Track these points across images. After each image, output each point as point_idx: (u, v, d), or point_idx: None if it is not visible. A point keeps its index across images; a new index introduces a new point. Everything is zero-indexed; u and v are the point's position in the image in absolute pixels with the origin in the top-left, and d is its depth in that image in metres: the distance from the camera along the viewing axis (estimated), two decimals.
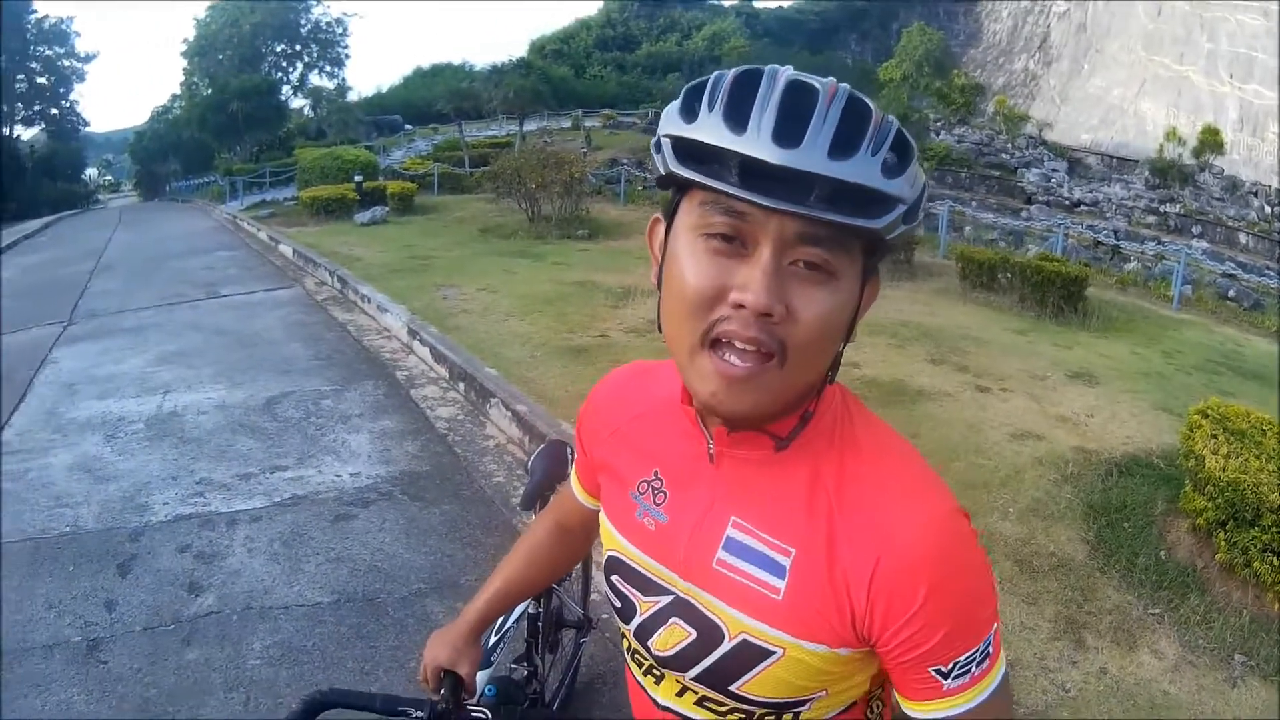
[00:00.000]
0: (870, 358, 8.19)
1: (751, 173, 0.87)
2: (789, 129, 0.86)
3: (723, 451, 1.09)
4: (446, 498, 5.43)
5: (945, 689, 1.01)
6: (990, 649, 1.02)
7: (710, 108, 0.90)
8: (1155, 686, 3.61)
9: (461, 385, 7.52)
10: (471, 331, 8.92)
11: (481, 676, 1.91)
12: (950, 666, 0.99)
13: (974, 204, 31.92)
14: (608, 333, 8.83)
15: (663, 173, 0.96)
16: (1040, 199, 36.05)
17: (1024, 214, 32.50)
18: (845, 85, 0.92)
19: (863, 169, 0.87)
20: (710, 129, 0.89)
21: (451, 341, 8.43)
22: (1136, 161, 40.25)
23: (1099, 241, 24.01)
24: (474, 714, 1.50)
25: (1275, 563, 3.99)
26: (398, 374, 8.21)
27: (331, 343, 9.57)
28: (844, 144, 0.87)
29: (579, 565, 3.12)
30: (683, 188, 0.98)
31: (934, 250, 17.02)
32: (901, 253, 14.08)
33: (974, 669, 1.00)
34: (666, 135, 0.95)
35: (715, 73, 0.94)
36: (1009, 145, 40.72)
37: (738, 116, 0.88)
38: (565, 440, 2.72)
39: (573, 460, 1.53)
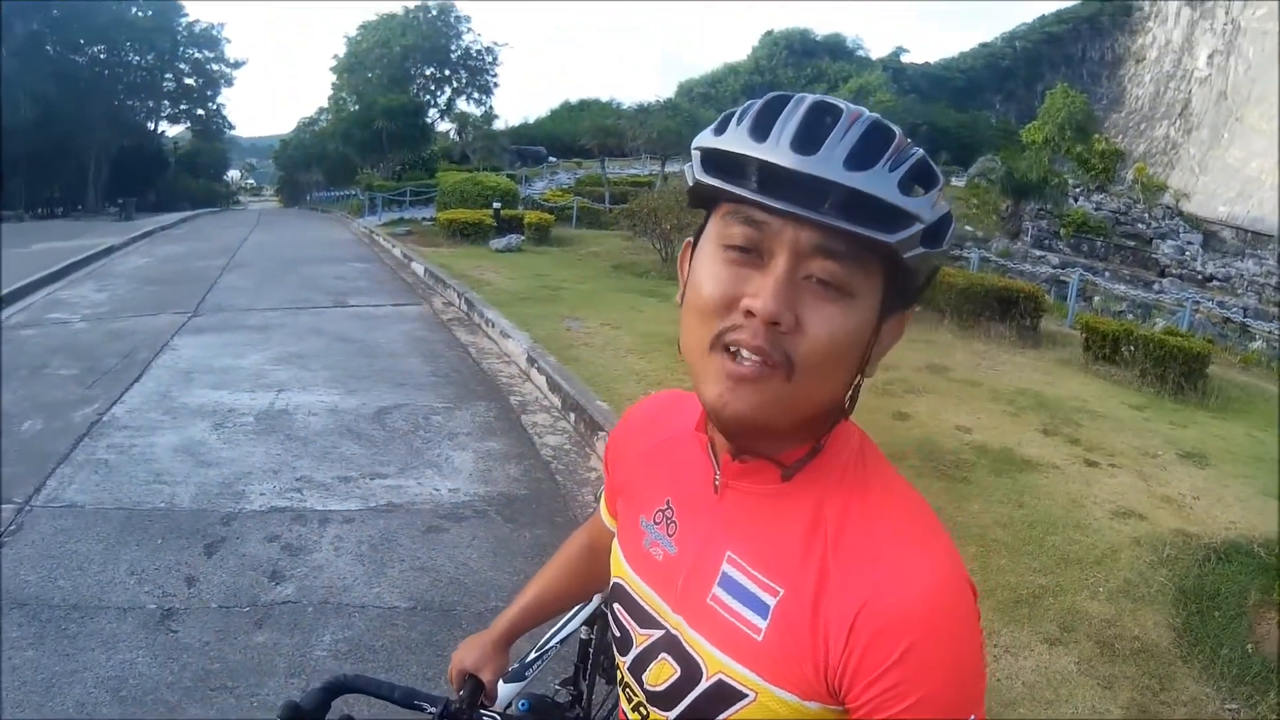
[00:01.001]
0: (982, 424, 8.06)
1: (769, 179, 0.91)
2: (808, 139, 0.91)
3: (727, 483, 1.10)
4: (540, 522, 5.49)
5: None
6: None
7: (739, 123, 0.96)
8: None
9: (572, 416, 7.60)
10: (590, 364, 9.03)
11: (512, 689, 1.95)
12: None
13: (1107, 274, 31.00)
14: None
15: (690, 183, 1.01)
16: (1173, 272, 34.91)
17: (1155, 286, 31.50)
18: (874, 114, 0.96)
19: (879, 181, 0.90)
20: (735, 139, 0.94)
21: (568, 372, 8.54)
22: (1271, 236, 38.82)
23: (1228, 319, 23.21)
24: (484, 718, 1.55)
25: None
26: (511, 399, 8.34)
27: (450, 361, 9.80)
28: (861, 157, 0.90)
29: None
30: (710, 208, 1.02)
31: (1062, 319, 16.68)
32: (1028, 320, 13.84)
33: None
34: (697, 148, 1.00)
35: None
36: (1146, 215, 39.62)
37: (762, 129, 0.93)
38: None
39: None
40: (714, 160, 0.96)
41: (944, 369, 10.30)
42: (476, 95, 73.16)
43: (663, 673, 1.14)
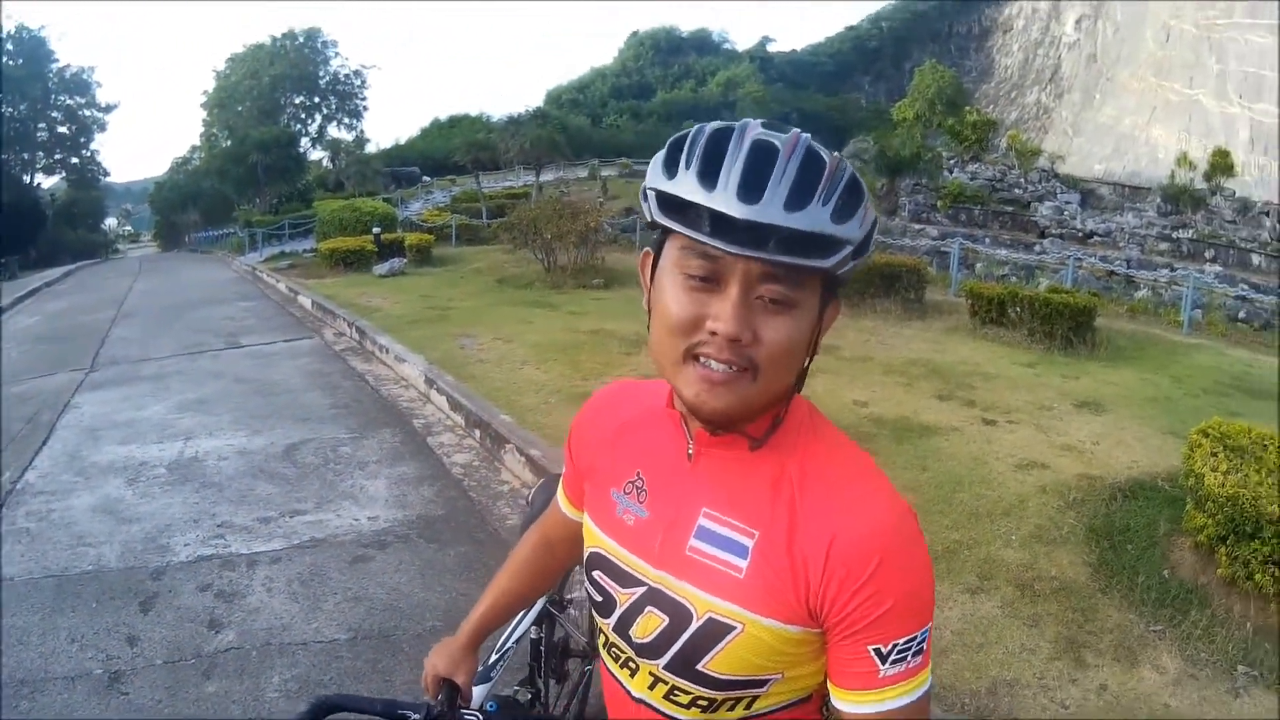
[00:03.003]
0: (878, 396, 8.31)
1: (720, 224, 1.02)
2: (751, 186, 1.02)
3: (700, 451, 1.23)
4: (462, 540, 5.53)
5: (881, 676, 1.10)
6: (924, 646, 1.12)
7: (687, 165, 1.06)
8: (1156, 700, 3.68)
9: (477, 432, 7.63)
10: (487, 380, 9.04)
11: (481, 690, 2.03)
12: (889, 648, 1.09)
13: (987, 240, 31.31)
14: (621, 379, 8.86)
15: (649, 220, 1.13)
16: (1053, 232, 35.37)
17: (1037, 248, 31.93)
18: (805, 136, 1.09)
19: (815, 218, 1.03)
20: (686, 185, 1.05)
21: (468, 389, 8.54)
22: (1149, 189, 39.95)
23: (1112, 272, 23.77)
24: (466, 718, 1.61)
25: (1277, 574, 4.05)
26: (415, 422, 8.32)
27: (350, 391, 9.71)
28: (798, 197, 1.03)
29: (586, 600, 3.21)
30: (666, 232, 1.13)
31: (946, 288, 17.01)
32: (912, 293, 14.20)
33: (909, 659, 1.10)
34: (651, 189, 1.11)
35: (695, 127, 1.12)
36: (1022, 180, 40.15)
37: (710, 174, 1.04)
38: None
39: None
40: (668, 202, 1.08)
41: (834, 348, 10.51)
42: (347, 120, 72.44)
43: (650, 624, 1.25)
